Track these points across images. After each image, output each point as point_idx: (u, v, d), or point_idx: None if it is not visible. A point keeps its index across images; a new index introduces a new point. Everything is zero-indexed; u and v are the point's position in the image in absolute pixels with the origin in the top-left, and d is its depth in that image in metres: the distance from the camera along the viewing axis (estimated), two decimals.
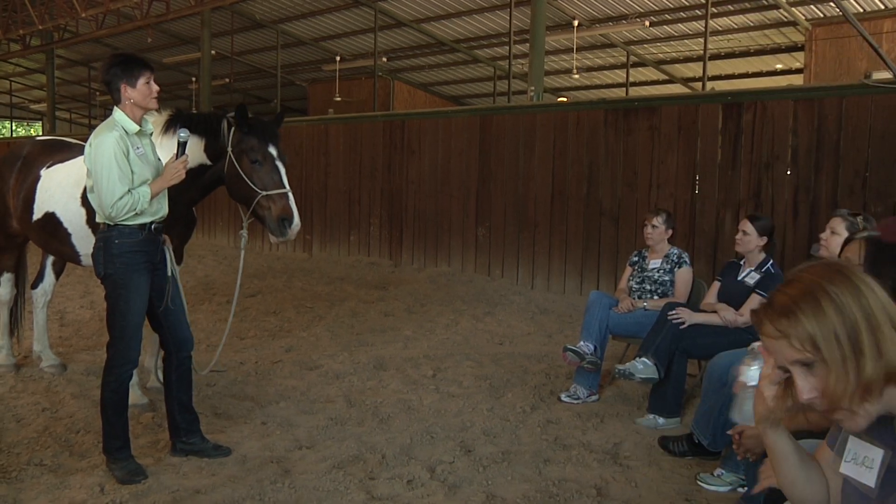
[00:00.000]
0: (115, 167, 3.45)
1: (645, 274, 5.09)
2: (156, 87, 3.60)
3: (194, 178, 4.13)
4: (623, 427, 4.38)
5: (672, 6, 13.60)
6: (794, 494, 1.76)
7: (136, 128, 3.58)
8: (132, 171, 3.50)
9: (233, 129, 4.10)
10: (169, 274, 3.78)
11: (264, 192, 4.03)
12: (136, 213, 3.51)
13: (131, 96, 3.54)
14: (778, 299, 1.56)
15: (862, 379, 1.47)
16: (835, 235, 3.78)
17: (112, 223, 3.53)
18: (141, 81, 3.54)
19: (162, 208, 3.69)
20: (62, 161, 4.73)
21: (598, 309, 4.88)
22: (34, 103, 30.57)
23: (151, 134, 3.80)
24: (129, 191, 3.47)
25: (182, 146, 3.68)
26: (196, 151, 4.14)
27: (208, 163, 4.20)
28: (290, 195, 4.08)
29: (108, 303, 3.59)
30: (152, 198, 3.55)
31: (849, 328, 1.47)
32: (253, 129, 4.06)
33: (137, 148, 3.58)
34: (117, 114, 3.59)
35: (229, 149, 4.08)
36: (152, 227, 3.62)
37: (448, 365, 5.68)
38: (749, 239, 4.48)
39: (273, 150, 4.08)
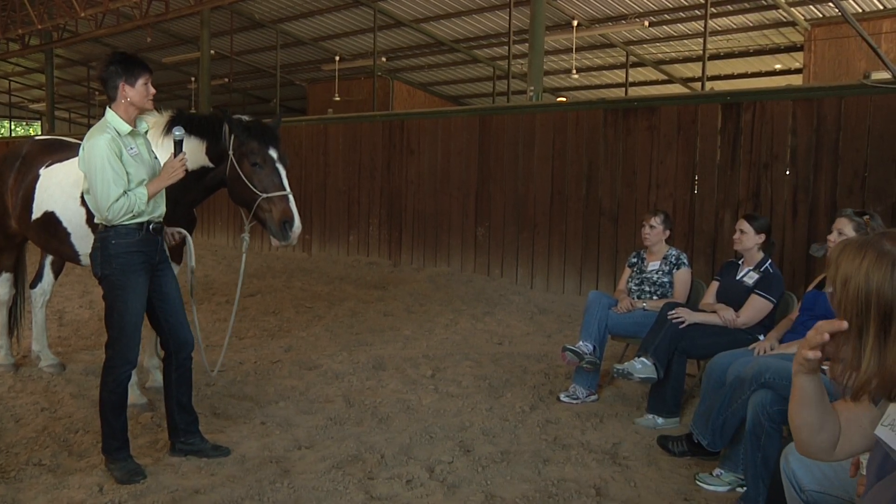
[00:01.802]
0: (109, 169, 3.43)
1: (644, 275, 5.09)
2: (152, 90, 3.60)
3: (196, 180, 4.14)
4: (622, 427, 4.38)
5: (671, 6, 13.60)
6: (801, 437, 1.74)
7: (128, 128, 3.56)
8: (127, 173, 3.49)
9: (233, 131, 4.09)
10: (191, 264, 4.07)
11: (265, 195, 4.02)
12: (134, 215, 3.50)
13: (129, 95, 3.53)
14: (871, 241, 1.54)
15: (863, 346, 1.44)
16: (842, 236, 3.78)
17: (109, 224, 3.52)
18: (140, 82, 3.54)
19: (159, 207, 3.68)
20: (61, 161, 4.72)
21: (598, 309, 4.88)
22: (33, 103, 30.56)
23: (147, 132, 3.79)
24: (124, 192, 3.45)
25: (178, 144, 3.66)
26: (198, 154, 4.14)
27: (210, 165, 4.19)
28: (291, 197, 4.08)
29: (105, 303, 3.59)
30: (150, 198, 3.54)
31: (886, 300, 1.43)
32: (253, 132, 4.06)
33: (131, 148, 3.56)
34: (109, 114, 3.56)
35: (230, 151, 4.08)
36: (150, 226, 3.61)
37: (447, 365, 5.68)
38: (747, 237, 4.49)
39: (273, 153, 4.07)
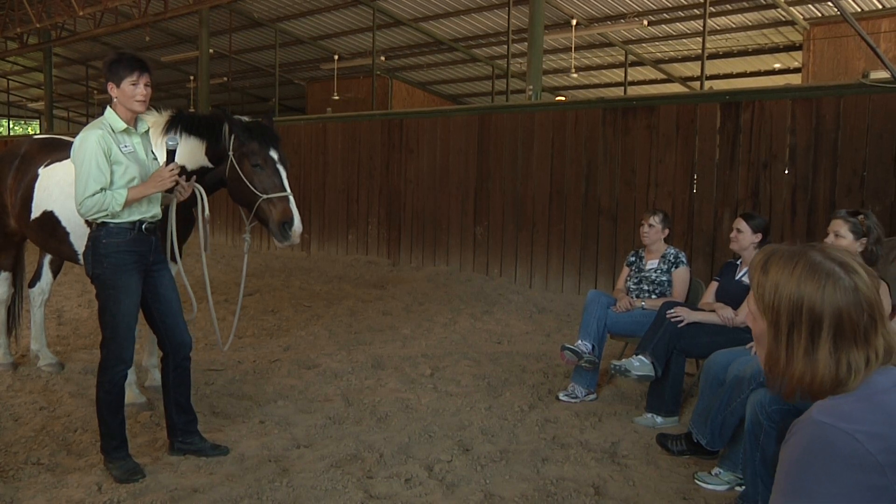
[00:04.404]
0: (93, 165, 3.43)
1: (642, 274, 5.09)
2: (141, 90, 3.51)
3: (196, 181, 4.13)
4: (621, 426, 4.38)
5: (670, 5, 13.59)
6: None
7: (122, 125, 3.56)
8: (112, 170, 3.48)
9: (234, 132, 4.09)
10: (206, 214, 3.93)
11: (265, 196, 4.03)
12: (109, 214, 3.47)
13: (116, 96, 3.54)
14: (773, 254, 1.57)
15: (791, 358, 1.48)
16: (839, 238, 3.79)
17: (98, 222, 3.51)
18: (126, 82, 3.49)
19: (153, 207, 3.67)
20: (60, 160, 4.71)
21: (597, 308, 4.88)
22: (32, 102, 30.52)
23: (147, 131, 3.78)
24: (101, 190, 3.44)
25: (171, 154, 3.65)
26: (197, 154, 4.14)
27: (209, 165, 4.19)
28: (292, 198, 4.08)
29: (99, 303, 3.58)
30: (129, 203, 3.49)
31: (817, 311, 1.45)
32: (254, 133, 4.06)
33: (125, 146, 3.55)
34: (107, 111, 3.59)
35: (230, 152, 4.08)
36: (143, 226, 3.60)
37: (446, 364, 5.68)
38: (743, 237, 4.50)
39: (274, 154, 4.08)
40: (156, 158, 3.79)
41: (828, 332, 1.44)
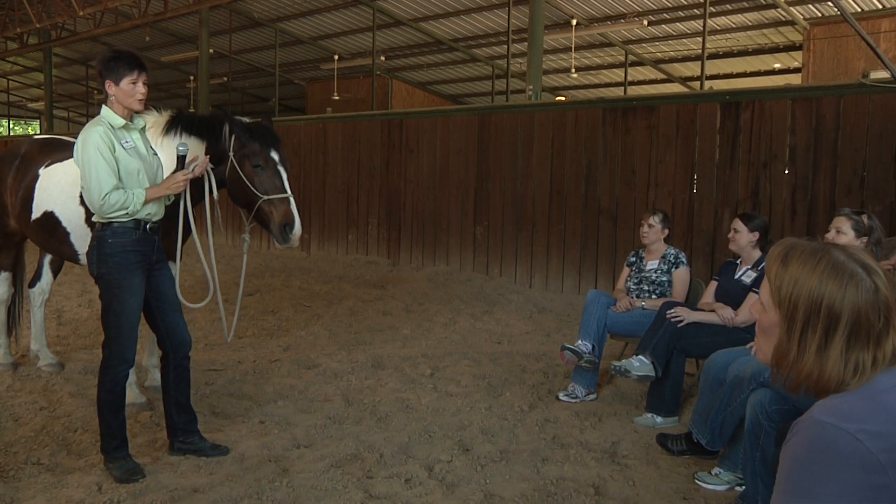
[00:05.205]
0: (102, 161, 3.44)
1: (643, 275, 5.10)
2: (141, 89, 3.55)
3: (195, 181, 4.13)
4: (621, 426, 4.39)
5: (670, 5, 13.60)
6: None
7: (121, 122, 3.56)
8: (118, 166, 3.49)
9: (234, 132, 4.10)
10: (214, 195, 3.94)
11: (266, 197, 4.03)
12: (126, 213, 3.50)
13: (114, 94, 3.55)
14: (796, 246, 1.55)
15: (801, 355, 1.47)
16: (840, 234, 3.80)
17: (105, 221, 3.52)
18: (125, 81, 3.51)
19: (156, 206, 3.69)
20: (61, 160, 4.72)
21: (597, 308, 4.89)
22: (32, 102, 30.53)
23: (144, 128, 3.79)
24: (117, 186, 3.45)
25: (181, 160, 3.69)
26: (197, 154, 4.14)
27: (209, 165, 4.19)
28: (292, 200, 4.08)
29: (102, 302, 3.59)
30: (146, 203, 3.54)
31: (835, 311, 1.45)
32: (255, 134, 4.07)
33: (126, 141, 3.57)
34: (104, 110, 3.60)
35: (231, 153, 4.08)
36: (147, 226, 3.61)
37: (446, 364, 5.68)
38: (740, 236, 4.51)
39: (275, 155, 4.08)
40: (156, 154, 3.80)
41: (843, 331, 1.44)
